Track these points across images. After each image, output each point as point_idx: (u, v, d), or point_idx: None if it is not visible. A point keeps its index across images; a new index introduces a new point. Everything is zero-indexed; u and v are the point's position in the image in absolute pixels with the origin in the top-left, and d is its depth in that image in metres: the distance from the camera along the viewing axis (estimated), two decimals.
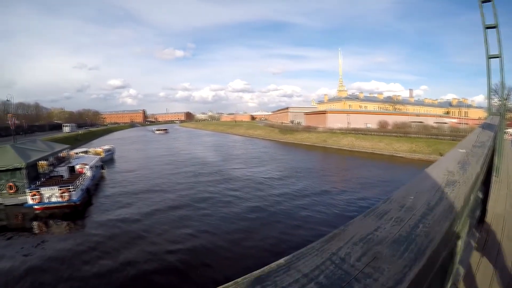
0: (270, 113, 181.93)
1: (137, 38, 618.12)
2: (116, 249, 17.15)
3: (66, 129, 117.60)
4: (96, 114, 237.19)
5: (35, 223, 22.71)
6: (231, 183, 31.82)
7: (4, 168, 27.30)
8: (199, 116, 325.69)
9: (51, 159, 37.50)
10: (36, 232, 21.40)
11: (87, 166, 33.99)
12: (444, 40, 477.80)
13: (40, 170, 33.57)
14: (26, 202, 24.82)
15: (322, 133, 70.36)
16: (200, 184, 31.86)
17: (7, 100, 58.95)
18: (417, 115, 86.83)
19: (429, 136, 52.67)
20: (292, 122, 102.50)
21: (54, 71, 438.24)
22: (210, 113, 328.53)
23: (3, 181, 27.34)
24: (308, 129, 76.57)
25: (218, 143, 79.87)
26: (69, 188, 25.16)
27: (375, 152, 51.84)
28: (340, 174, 37.41)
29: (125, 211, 23.85)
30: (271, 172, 36.65)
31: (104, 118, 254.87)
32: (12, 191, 27.03)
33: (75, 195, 25.35)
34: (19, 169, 27.55)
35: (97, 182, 34.96)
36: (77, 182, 26.86)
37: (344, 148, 58.91)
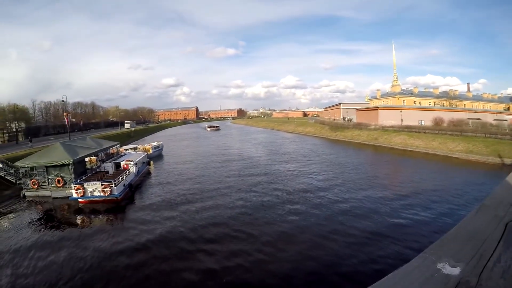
0: (322, 110, 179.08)
1: (189, 38, 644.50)
2: (150, 244, 19.07)
3: (127, 125, 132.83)
4: (151, 111, 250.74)
5: (78, 215, 25.99)
6: (275, 183, 32.67)
7: (53, 164, 31.33)
8: (251, 112, 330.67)
9: (100, 155, 42.31)
10: (78, 223, 24.43)
11: (132, 163, 36.83)
12: (504, 30, 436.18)
13: (89, 166, 38.05)
14: (71, 195, 28.29)
15: (373, 130, 68.24)
16: (244, 184, 33.02)
17: (63, 100, 64.91)
18: (475, 111, 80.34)
19: (487, 135, 49.15)
20: (343, 118, 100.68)
21: (110, 72, 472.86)
22: (262, 110, 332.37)
23: (52, 175, 31.46)
24: (359, 126, 74.69)
25: (267, 140, 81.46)
26: (111, 184, 28.03)
27: (428, 152, 49.31)
28: (392, 178, 36.09)
29: (164, 208, 26.04)
30: (317, 173, 36.91)
31: (158, 115, 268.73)
32: (60, 185, 30.98)
33: (117, 190, 28.22)
34: (67, 164, 31.41)
35: (143, 178, 38.16)
36: (120, 178, 29.61)
37: (396, 147, 56.45)
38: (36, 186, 31.12)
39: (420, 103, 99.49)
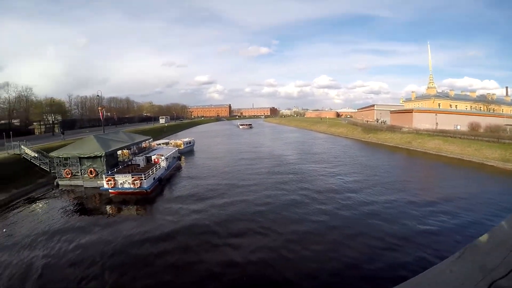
0: (355, 111, 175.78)
1: (222, 37, 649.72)
2: (175, 234, 19.65)
3: (162, 120, 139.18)
4: (184, 108, 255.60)
5: (108, 205, 27.33)
6: (303, 182, 32.42)
7: (86, 155, 32.99)
8: (284, 111, 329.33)
9: (133, 148, 43.86)
10: (108, 212, 25.84)
11: (162, 157, 37.61)
12: None
13: (121, 158, 39.57)
14: (103, 186, 29.63)
15: (407, 134, 65.75)
16: (272, 181, 32.94)
17: (98, 95, 67.56)
18: None
19: None
20: (377, 120, 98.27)
21: (144, 68, 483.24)
22: (295, 109, 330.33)
23: (85, 166, 33.11)
24: (392, 129, 72.46)
25: (299, 140, 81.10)
26: (141, 177, 28.99)
27: (463, 158, 46.72)
28: (423, 183, 34.36)
29: (192, 201, 26.64)
30: (347, 174, 36.03)
31: (191, 112, 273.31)
32: (92, 175, 32.54)
33: (146, 183, 29.10)
34: (99, 156, 32.91)
35: (173, 172, 39.09)
36: (150, 172, 30.49)
37: (430, 151, 53.66)
38: (69, 176, 32.80)
39: (456, 107, 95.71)
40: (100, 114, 70.69)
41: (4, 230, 21.00)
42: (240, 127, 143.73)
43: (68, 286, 14.10)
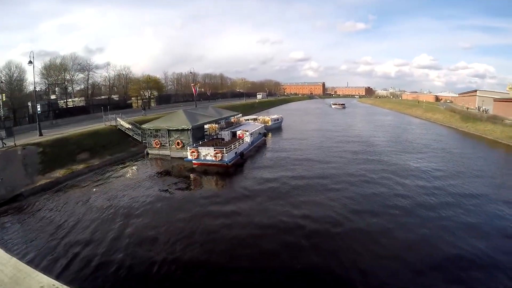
0: (456, 95, 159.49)
1: (317, 12, 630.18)
2: (248, 209, 21.04)
3: (259, 96, 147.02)
4: (277, 84, 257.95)
5: (190, 174, 30.44)
6: (388, 172, 29.78)
7: (174, 128, 36.88)
8: (380, 92, 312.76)
9: (221, 123, 47.26)
10: (190, 181, 28.95)
11: (247, 133, 39.22)
12: None
13: (208, 132, 42.87)
14: (186, 157, 32.43)
15: (509, 127, 54.04)
16: (355, 168, 31.20)
17: (191, 72, 72.46)
18: None
19: None
20: (478, 108, 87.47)
21: (239, 45, 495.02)
22: (391, 90, 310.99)
23: (173, 138, 37.01)
24: (493, 119, 62.25)
25: (391, 124, 76.39)
26: (223, 150, 31.07)
27: None
28: None
29: (270, 179, 27.58)
30: (438, 170, 30.63)
31: (284, 89, 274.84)
32: (179, 146, 36.28)
33: (227, 157, 31.21)
34: (186, 130, 36.39)
35: (257, 148, 41.03)
36: (232, 146, 32.60)
37: None
38: (158, 146, 37.22)
39: None
40: (193, 90, 75.69)
41: (94, 190, 24.98)
42: (333, 106, 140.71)
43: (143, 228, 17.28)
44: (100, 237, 16.88)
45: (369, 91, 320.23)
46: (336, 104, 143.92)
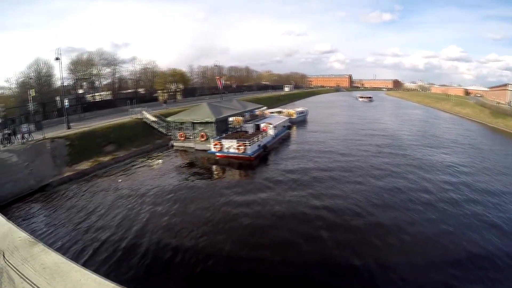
0: (487, 89, 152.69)
1: (342, 2, 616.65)
2: (270, 200, 21.09)
3: (287, 89, 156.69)
4: (303, 77, 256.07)
5: (213, 166, 31.02)
6: (413, 167, 28.76)
7: (199, 121, 37.22)
8: (408, 85, 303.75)
9: (246, 116, 47.16)
10: (213, 172, 29.49)
11: (271, 125, 39.27)
12: None
13: (232, 125, 42.94)
14: (210, 149, 32.88)
15: None
16: (380, 162, 30.50)
17: (215, 65, 73.09)
18: None
19: None
20: (509, 103, 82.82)
21: (264, 38, 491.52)
22: (420, 83, 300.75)
23: (197, 130, 37.37)
24: None
25: (419, 118, 73.92)
26: (245, 143, 31.17)
27: None
28: None
29: (292, 171, 27.60)
30: (465, 166, 29.67)
31: (310, 81, 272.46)
32: (203, 139, 36.59)
33: (250, 150, 31.28)
34: (210, 122, 36.68)
35: (281, 141, 40.90)
36: (255, 139, 32.66)
37: None
38: (183, 138, 37.67)
39: None
40: (218, 82, 76.31)
41: (119, 180, 25.78)
42: (360, 99, 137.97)
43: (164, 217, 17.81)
44: (125, 224, 17.62)
45: (397, 84, 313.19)
46: (363, 97, 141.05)
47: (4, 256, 8.13)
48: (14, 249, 8.45)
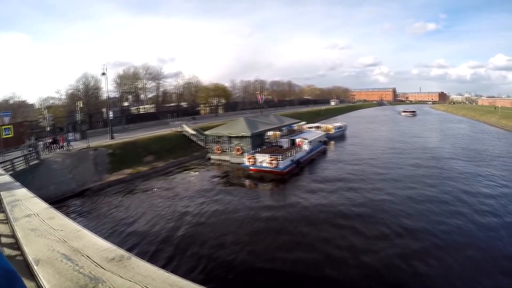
0: None
1: (385, 14, 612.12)
2: (298, 216, 21.27)
3: (333, 103, 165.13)
4: (346, 91, 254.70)
5: (247, 179, 31.82)
6: (450, 187, 26.95)
7: (234, 135, 38.62)
8: (455, 97, 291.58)
9: (284, 130, 48.34)
10: (245, 185, 30.40)
11: (306, 140, 39.56)
12: None
13: (269, 139, 44.13)
14: (244, 163, 33.84)
15: None
16: (416, 179, 29.22)
17: (256, 80, 75.05)
18: None
19: None
20: None
21: (307, 52, 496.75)
22: (467, 95, 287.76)
23: (233, 144, 38.70)
24: None
25: (462, 133, 68.46)
26: (278, 158, 31.76)
27: None
28: None
29: (325, 188, 27.42)
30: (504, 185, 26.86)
31: (353, 95, 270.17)
32: (238, 153, 37.70)
33: (282, 164, 31.71)
34: (246, 137, 37.93)
35: (316, 156, 40.61)
36: (288, 154, 33.17)
37: None
38: (219, 152, 39.20)
39: None
40: (258, 97, 77.84)
41: (155, 189, 27.33)
42: (402, 113, 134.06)
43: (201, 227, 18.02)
44: (157, 230, 18.68)
45: (443, 97, 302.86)
46: (406, 111, 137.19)
47: None
48: None
